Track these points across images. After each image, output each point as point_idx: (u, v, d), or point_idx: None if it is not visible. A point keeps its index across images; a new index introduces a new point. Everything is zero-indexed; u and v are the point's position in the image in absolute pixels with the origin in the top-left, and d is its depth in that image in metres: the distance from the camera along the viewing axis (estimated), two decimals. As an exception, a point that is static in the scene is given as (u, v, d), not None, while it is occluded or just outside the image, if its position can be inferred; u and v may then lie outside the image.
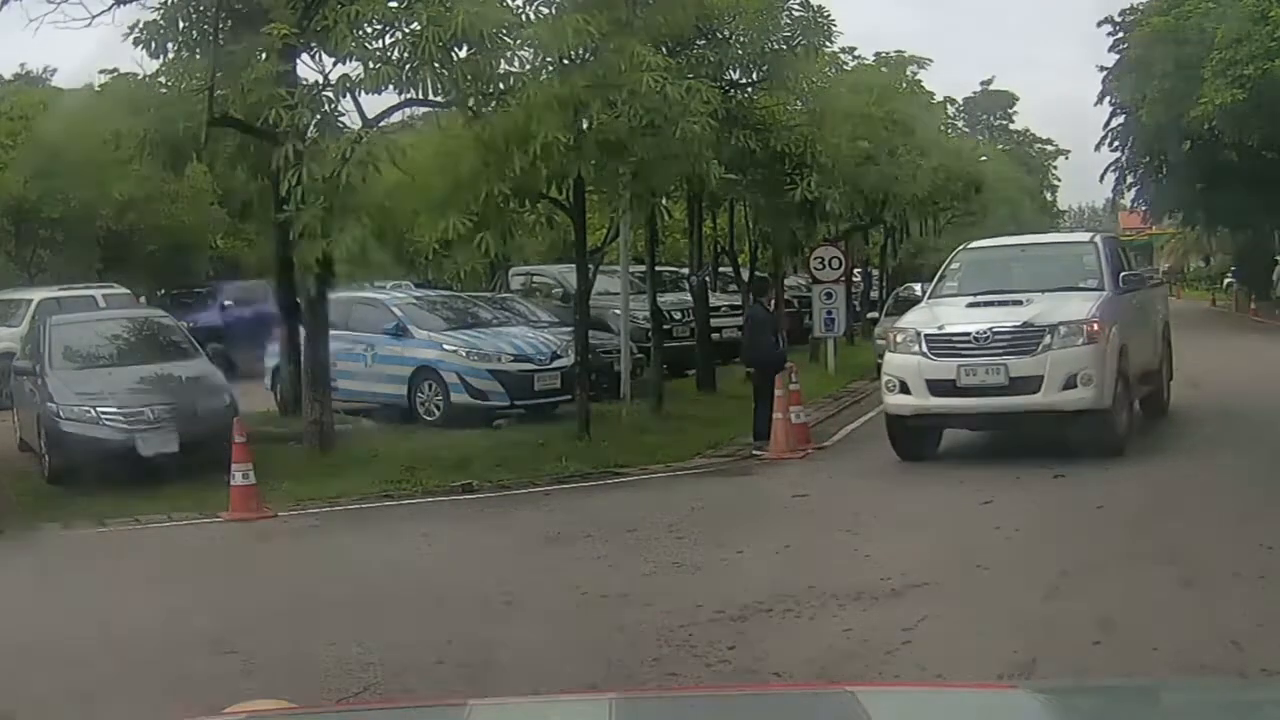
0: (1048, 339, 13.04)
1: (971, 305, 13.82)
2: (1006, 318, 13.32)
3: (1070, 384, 12.90)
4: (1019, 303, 13.61)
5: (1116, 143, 44.58)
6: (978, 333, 13.23)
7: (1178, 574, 8.47)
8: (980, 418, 13.51)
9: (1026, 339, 13.10)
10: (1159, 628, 7.29)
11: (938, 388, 13.26)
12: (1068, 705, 2.50)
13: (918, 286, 16.26)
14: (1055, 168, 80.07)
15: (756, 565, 9.51)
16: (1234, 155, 34.64)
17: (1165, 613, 7.62)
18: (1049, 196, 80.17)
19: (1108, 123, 44.55)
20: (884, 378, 13.88)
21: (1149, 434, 14.76)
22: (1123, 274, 14.67)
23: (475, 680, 6.96)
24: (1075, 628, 7.35)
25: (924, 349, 13.39)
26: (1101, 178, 48.09)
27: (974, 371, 13.10)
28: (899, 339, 13.85)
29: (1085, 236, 18.26)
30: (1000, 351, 13.09)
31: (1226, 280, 54.28)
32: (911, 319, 14.21)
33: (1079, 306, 13.59)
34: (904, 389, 13.51)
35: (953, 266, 15.31)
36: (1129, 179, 46.62)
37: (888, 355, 14.09)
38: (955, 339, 13.34)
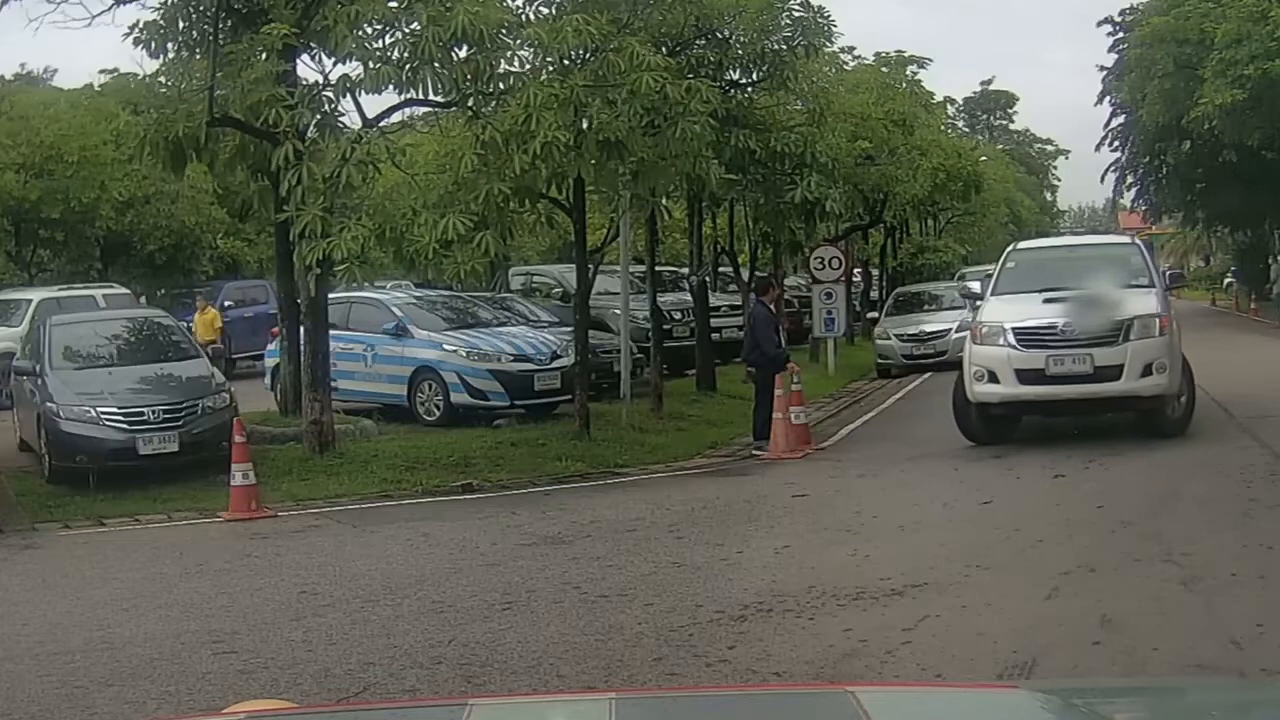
0: (1127, 330, 14.00)
1: (1048, 301, 14.50)
2: (1075, 313, 14.18)
3: (1147, 372, 13.90)
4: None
5: (1116, 143, 44.63)
6: (1065, 324, 14.08)
7: (1178, 574, 8.47)
8: (1066, 404, 14.32)
9: (1107, 331, 14.03)
10: (1159, 628, 7.29)
11: (1026, 377, 14.10)
12: (1068, 705, 2.50)
13: (976, 284, 17.03)
14: (1055, 168, 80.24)
15: (756, 565, 9.52)
16: (1234, 155, 34.65)
17: (1165, 613, 7.62)
18: (1049, 196, 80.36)
19: (1108, 123, 44.61)
20: (970, 369, 14.55)
21: (1150, 432, 14.75)
22: (1169, 273, 16.01)
23: (475, 680, 6.96)
24: (1075, 628, 7.35)
25: (1012, 341, 14.20)
26: (1102, 178, 48.15)
27: (1062, 361, 14.00)
28: (983, 332, 14.57)
29: (1126, 239, 19.52)
30: (1085, 343, 13.99)
31: (1226, 280, 54.30)
32: (992, 313, 14.85)
33: (1146, 302, 14.59)
34: (992, 378, 14.29)
35: (1008, 265, 15.94)
36: (1129, 179, 46.65)
37: (973, 347, 14.73)
38: (1042, 331, 14.12)
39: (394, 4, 13.72)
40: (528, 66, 13.93)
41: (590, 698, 3.55)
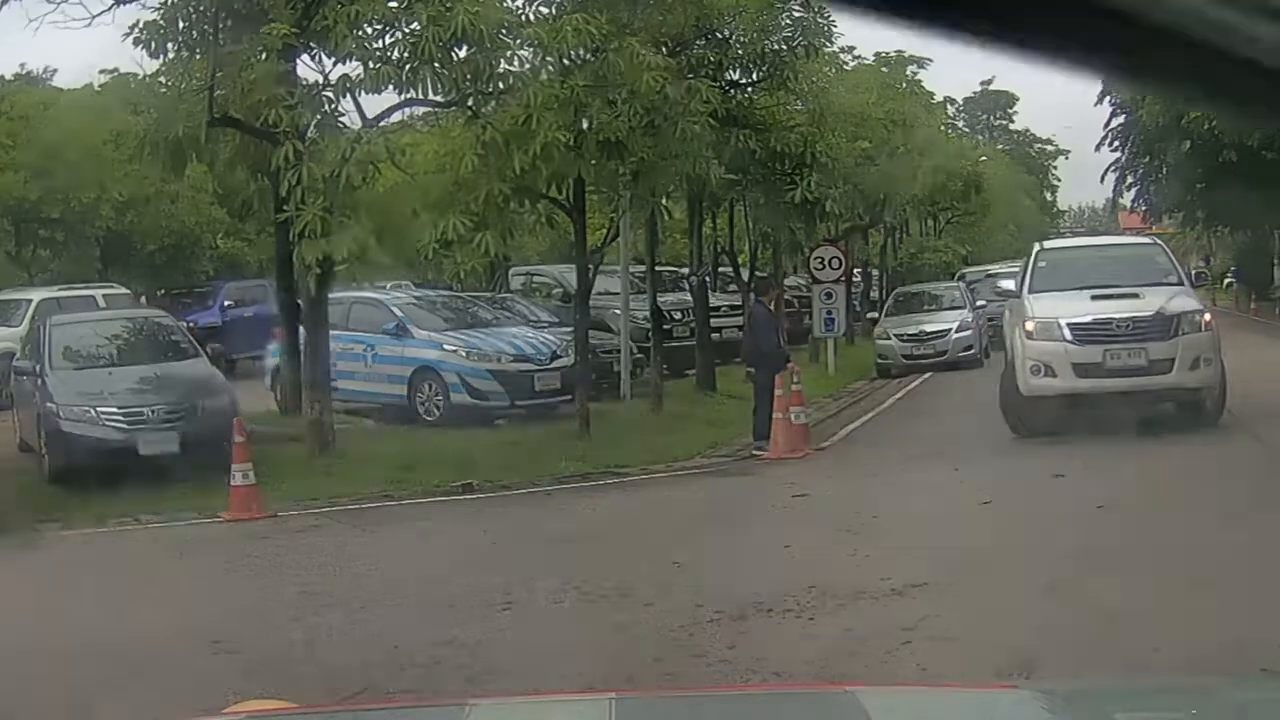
0: (1177, 326, 14.69)
1: (1096, 297, 15.07)
2: (1134, 309, 14.86)
3: (1195, 365, 14.61)
4: (1136, 295, 15.08)
5: (1116, 143, 44.60)
6: (1120, 321, 14.71)
7: (1178, 574, 8.47)
8: (1121, 396, 14.76)
9: (1160, 326, 14.68)
10: (1159, 628, 7.29)
11: (1083, 370, 14.63)
12: (1068, 705, 2.50)
13: (1008, 283, 17.72)
14: (1055, 168, 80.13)
15: (756, 565, 9.51)
16: (1234, 155, 34.63)
17: (1165, 613, 7.62)
18: (1049, 196, 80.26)
19: (1108, 123, 44.57)
20: (1026, 363, 14.86)
21: (1147, 435, 14.77)
22: (1195, 272, 16.91)
23: (475, 680, 6.96)
24: (1075, 628, 7.35)
25: (1068, 336, 14.68)
26: (1102, 178, 48.12)
27: (1118, 355, 14.61)
28: (1036, 327, 14.96)
29: (1147, 240, 20.96)
30: (1140, 337, 14.63)
31: (1227, 280, 54.29)
32: (1045, 309, 15.14)
33: (1186, 300, 15.35)
34: (1049, 372, 14.73)
35: (1040, 264, 16.32)
36: (1129, 179, 46.61)
37: (1026, 342, 14.95)
38: (1096, 327, 14.70)
39: (394, 4, 13.73)
40: (528, 66, 13.94)
41: (590, 698, 3.56)
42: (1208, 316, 15.16)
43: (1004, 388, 15.31)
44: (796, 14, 17.96)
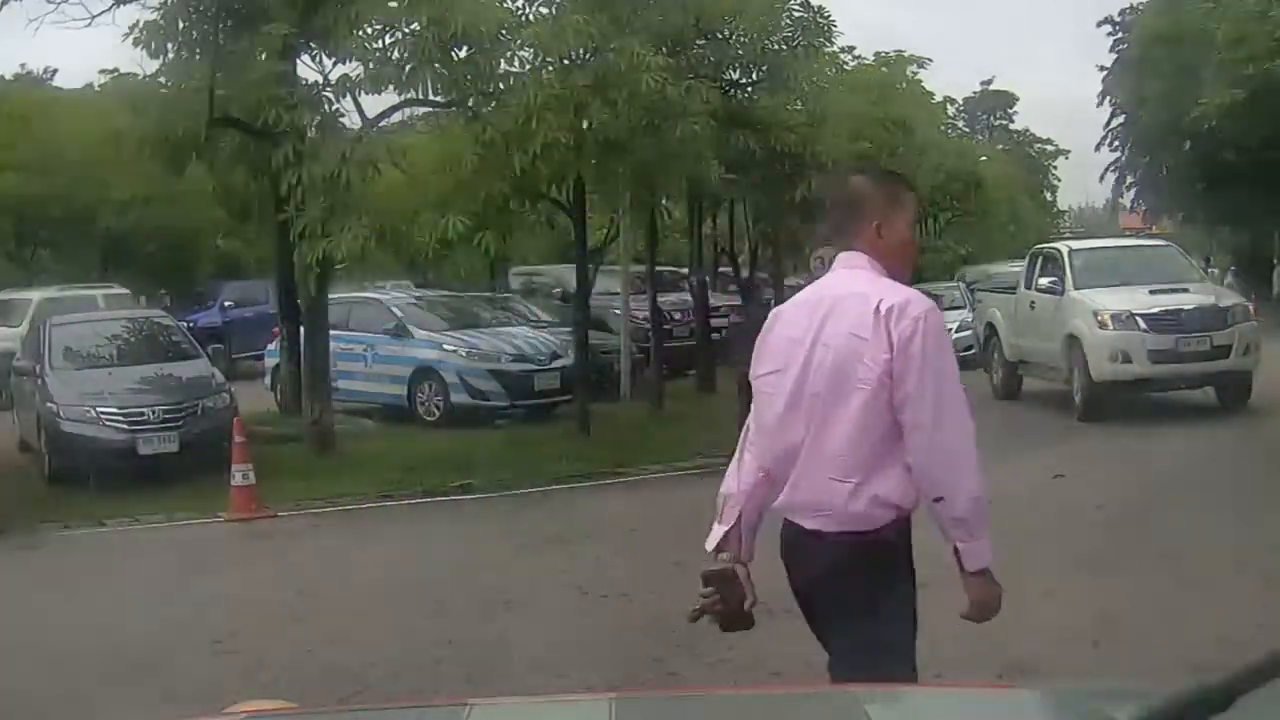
0: (1231, 316, 16.17)
1: (1154, 292, 16.28)
2: (1193, 301, 16.19)
3: (1246, 350, 16.05)
4: (1186, 289, 16.53)
5: (1116, 143, 44.60)
6: (1188, 311, 16.00)
7: (1178, 574, 8.47)
8: (1190, 378, 16.29)
9: (1218, 316, 16.10)
10: (1159, 628, 7.29)
11: (1158, 356, 15.88)
12: (1067, 705, 2.50)
13: (1047, 280, 18.27)
14: (1055, 168, 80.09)
15: (757, 565, 9.47)
16: (1234, 155, 34.62)
17: (1165, 613, 7.62)
18: (1049, 196, 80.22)
19: (1108, 123, 44.58)
20: (1105, 351, 15.96)
21: (1147, 432, 14.78)
22: (1212, 270, 18.54)
23: (475, 680, 6.96)
24: (1075, 628, 7.35)
25: (1143, 326, 15.89)
26: (1101, 178, 48.15)
27: (1189, 342, 15.90)
28: (1108, 318, 16.06)
29: (1162, 241, 23.90)
30: (1205, 326, 15.97)
31: (1226, 280, 54.30)
32: (1113, 303, 16.21)
33: (1227, 294, 17.55)
34: (1127, 359, 15.93)
35: (1076, 264, 17.39)
36: (1129, 179, 46.61)
37: (1099, 332, 15.99)
38: (1168, 317, 15.94)
39: (394, 4, 13.73)
40: (528, 66, 13.94)
41: (590, 698, 3.55)
42: (1251, 309, 16.75)
43: (1084, 378, 16.13)
44: (796, 14, 17.96)
